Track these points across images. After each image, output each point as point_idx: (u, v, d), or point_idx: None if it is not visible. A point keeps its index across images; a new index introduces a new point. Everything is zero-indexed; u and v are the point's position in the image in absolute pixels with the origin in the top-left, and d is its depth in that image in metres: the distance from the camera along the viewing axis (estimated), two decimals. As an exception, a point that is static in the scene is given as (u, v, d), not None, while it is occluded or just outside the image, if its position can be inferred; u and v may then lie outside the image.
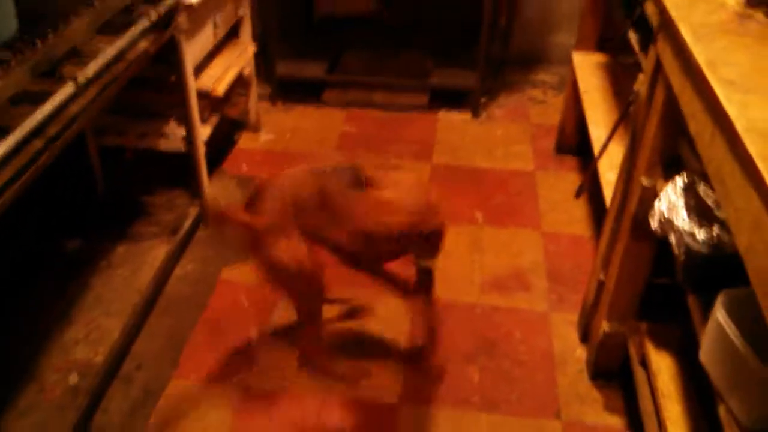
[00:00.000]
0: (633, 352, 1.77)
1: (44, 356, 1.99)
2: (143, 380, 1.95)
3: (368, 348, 2.07)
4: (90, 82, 1.65)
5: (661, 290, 1.81)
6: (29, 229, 2.39)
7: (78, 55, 1.70)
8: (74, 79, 1.58)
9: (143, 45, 1.90)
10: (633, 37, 1.97)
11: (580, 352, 2.06)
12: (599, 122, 2.41)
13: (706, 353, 1.23)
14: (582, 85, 2.65)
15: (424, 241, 1.74)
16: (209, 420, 1.84)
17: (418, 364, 2.04)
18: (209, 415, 1.85)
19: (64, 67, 1.62)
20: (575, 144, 2.96)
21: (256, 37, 2.98)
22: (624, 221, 1.72)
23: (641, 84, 1.66)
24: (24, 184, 1.38)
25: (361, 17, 3.71)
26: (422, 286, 1.84)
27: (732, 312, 1.14)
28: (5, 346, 2.02)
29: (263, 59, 3.24)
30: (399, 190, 1.75)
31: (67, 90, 1.56)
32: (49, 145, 1.46)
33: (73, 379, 1.93)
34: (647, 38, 1.78)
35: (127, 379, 1.95)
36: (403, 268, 1.88)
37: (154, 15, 1.94)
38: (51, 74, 1.59)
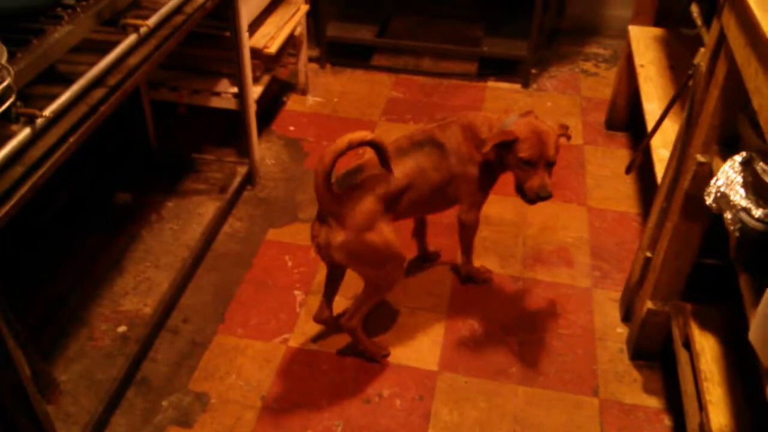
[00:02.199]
0: (676, 332, 1.75)
1: (95, 305, 2.05)
2: (190, 333, 2.00)
3: (411, 315, 2.09)
4: (151, 33, 1.67)
5: (707, 271, 1.79)
6: (83, 180, 2.45)
7: (139, 7, 1.73)
8: (136, 30, 1.61)
9: (201, -1, 1.92)
10: (695, 9, 1.91)
11: (621, 331, 2.05)
12: (654, 97, 2.36)
13: (756, 333, 1.21)
14: (637, 59, 2.58)
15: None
16: (251, 375, 1.89)
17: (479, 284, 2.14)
18: (252, 371, 1.90)
19: (126, 17, 1.64)
20: (626, 119, 2.91)
21: (308, -2, 2.98)
22: (676, 198, 1.70)
23: (702, 58, 1.61)
24: (84, 133, 1.41)
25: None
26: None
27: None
28: (58, 293, 2.08)
29: (314, 21, 3.24)
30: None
31: (129, 40, 1.59)
32: (109, 96, 1.49)
33: (122, 328, 1.99)
34: (710, 11, 1.74)
35: (174, 330, 2.01)
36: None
37: (212, -31, 1.95)
38: (113, 24, 1.61)
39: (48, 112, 1.31)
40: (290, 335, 2.01)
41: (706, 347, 1.60)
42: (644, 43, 2.67)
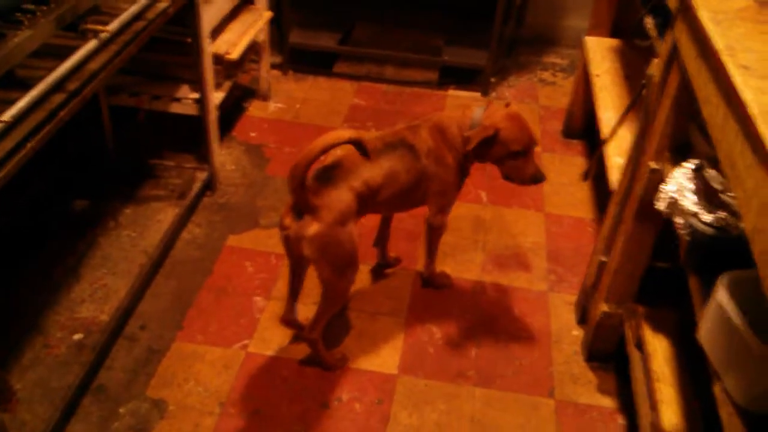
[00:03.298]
0: (629, 334, 1.79)
1: (50, 313, 2.01)
2: (147, 340, 1.98)
3: (371, 320, 2.10)
4: (111, 38, 1.66)
5: (658, 275, 1.84)
6: (40, 187, 2.40)
7: (99, 12, 1.72)
8: (96, 35, 1.60)
9: (162, 4, 1.91)
10: (649, 21, 1.97)
11: (577, 333, 2.09)
12: (609, 106, 2.42)
13: (705, 333, 1.26)
14: (593, 69, 2.65)
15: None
16: (210, 382, 1.88)
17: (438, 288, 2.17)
18: (210, 378, 1.89)
19: (86, 22, 1.63)
20: (583, 128, 2.98)
21: (271, 5, 2.98)
22: (629, 203, 1.75)
23: (655, 68, 1.67)
24: (43, 138, 1.39)
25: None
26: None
27: (733, 293, 1.16)
28: (12, 301, 2.04)
29: (276, 27, 3.24)
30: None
31: (89, 45, 1.58)
32: (68, 101, 1.48)
33: (78, 335, 1.96)
34: (664, 23, 1.79)
35: (132, 338, 1.98)
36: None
37: (173, -25, 1.95)
38: (73, 28, 1.60)
39: (6, 117, 1.29)
40: (250, 341, 2.00)
41: (658, 348, 1.65)
42: (600, 53, 2.74)
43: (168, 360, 1.93)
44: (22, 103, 1.35)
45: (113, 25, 1.67)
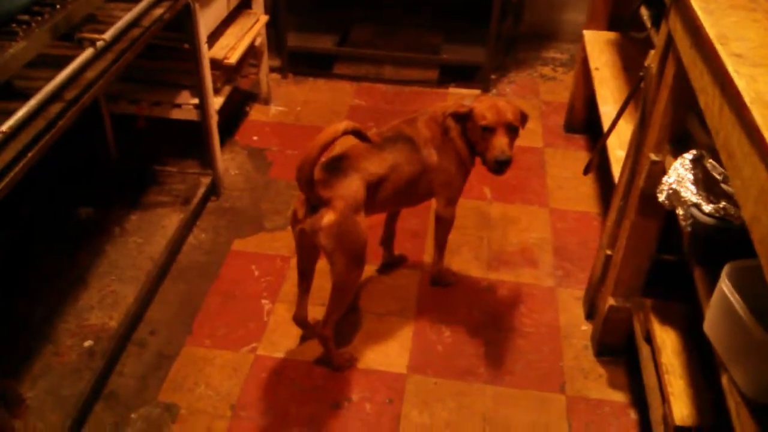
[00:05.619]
0: (638, 328, 1.80)
1: (59, 321, 2.03)
2: (157, 345, 1.99)
3: (379, 320, 2.11)
4: (108, 46, 1.67)
5: (665, 268, 1.84)
6: (43, 196, 2.41)
7: (95, 20, 1.72)
8: (93, 44, 1.60)
9: (158, 11, 1.92)
10: (645, 13, 1.97)
11: (586, 328, 2.09)
12: (609, 99, 2.42)
13: (710, 324, 1.26)
14: (592, 63, 2.65)
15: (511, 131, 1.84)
16: (221, 385, 1.88)
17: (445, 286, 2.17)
18: (221, 381, 1.90)
19: (82, 31, 1.64)
20: (584, 122, 2.97)
21: (268, 9, 2.98)
22: (632, 196, 1.75)
23: (652, 60, 1.67)
24: (41, 148, 1.40)
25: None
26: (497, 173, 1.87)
27: (736, 283, 1.16)
28: (21, 310, 2.05)
29: (274, 31, 3.25)
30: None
31: (85, 54, 1.58)
32: (66, 110, 1.49)
33: (88, 342, 1.97)
34: (659, 14, 1.79)
35: (141, 343, 1.99)
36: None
37: (169, -19, 1.95)
38: (69, 38, 1.61)
39: (5, 127, 1.30)
40: (258, 344, 2.01)
41: (667, 341, 1.65)
42: (598, 46, 2.73)
43: (178, 364, 1.94)
44: (20, 114, 1.36)
45: (109, 34, 1.67)
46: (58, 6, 1.57)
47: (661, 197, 1.45)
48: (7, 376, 1.81)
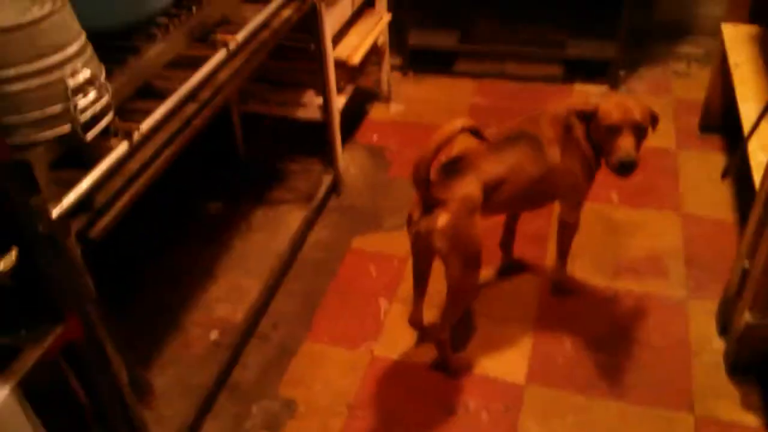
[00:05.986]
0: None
1: (188, 312, 2.12)
2: (279, 339, 2.05)
3: (498, 326, 2.07)
4: (240, 48, 1.71)
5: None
6: (175, 191, 2.54)
7: (228, 22, 1.78)
8: (226, 45, 1.65)
9: (287, 13, 1.96)
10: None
11: (718, 344, 1.95)
12: (750, 98, 2.26)
13: None
14: (732, 59, 2.47)
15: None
16: (338, 383, 1.91)
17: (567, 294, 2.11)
18: (338, 379, 1.92)
19: (215, 33, 1.69)
20: (721, 121, 2.78)
21: (390, 6, 2.99)
22: (778, 207, 1.61)
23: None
24: (178, 146, 1.47)
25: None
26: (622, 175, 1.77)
27: None
28: (153, 302, 2.17)
29: (396, 29, 3.25)
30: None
31: (219, 56, 1.63)
32: (201, 109, 1.55)
33: (215, 335, 2.05)
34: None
35: (264, 337, 2.05)
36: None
37: (298, -18, 1.99)
38: (203, 40, 1.67)
39: (144, 127, 1.36)
40: (375, 343, 2.02)
41: (813, 365, 1.51)
42: (739, 41, 2.55)
43: (298, 360, 1.98)
44: (158, 114, 1.42)
45: (241, 35, 1.72)
46: (194, 8, 1.64)
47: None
48: (138, 365, 1.91)
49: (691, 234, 2.34)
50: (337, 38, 2.56)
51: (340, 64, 2.49)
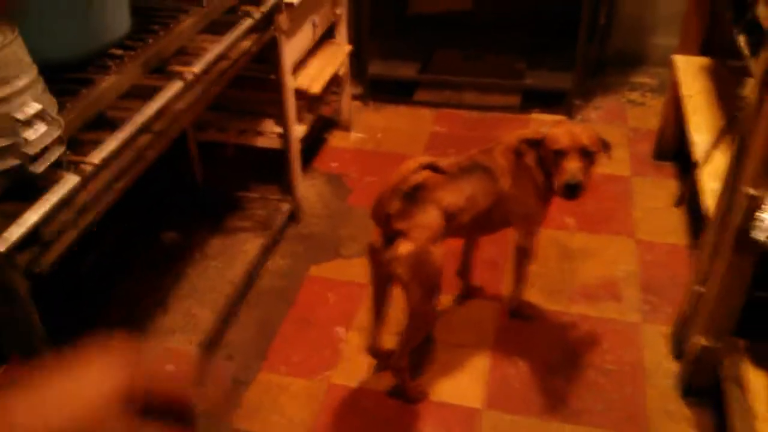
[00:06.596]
0: (729, 370, 1.69)
1: (142, 343, 2.08)
2: (234, 370, 2.02)
3: (455, 351, 2.07)
4: (196, 78, 1.71)
5: (761, 307, 1.73)
6: (129, 219, 2.51)
7: (185, 53, 1.78)
8: (182, 76, 1.65)
9: (246, 44, 1.96)
10: (742, 39, 1.88)
11: (672, 367, 1.98)
12: (702, 128, 2.32)
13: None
14: (684, 89, 2.54)
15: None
16: (295, 413, 1.89)
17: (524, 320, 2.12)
18: (295, 409, 1.90)
19: (172, 64, 1.69)
20: (675, 150, 2.85)
21: (351, 38, 3.02)
22: (727, 232, 1.65)
23: (750, 89, 1.58)
24: (131, 178, 1.45)
25: (453, 13, 3.69)
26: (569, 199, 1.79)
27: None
28: (105, 333, 2.13)
29: (356, 59, 3.28)
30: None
31: (174, 87, 1.62)
32: (156, 140, 1.54)
33: (169, 367, 2.01)
34: (757, 41, 1.70)
35: (219, 367, 2.03)
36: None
37: (257, 14, 1.99)
38: (160, 71, 1.66)
39: (96, 159, 1.35)
40: (333, 372, 2.00)
41: (760, 386, 1.54)
42: (691, 73, 2.63)
43: (253, 391, 1.96)
44: (110, 146, 1.40)
45: (198, 67, 1.72)
46: (150, 40, 1.63)
47: (759, 236, 1.37)
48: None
49: (645, 259, 2.38)
50: (298, 68, 2.58)
51: (301, 94, 2.51)
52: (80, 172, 1.31)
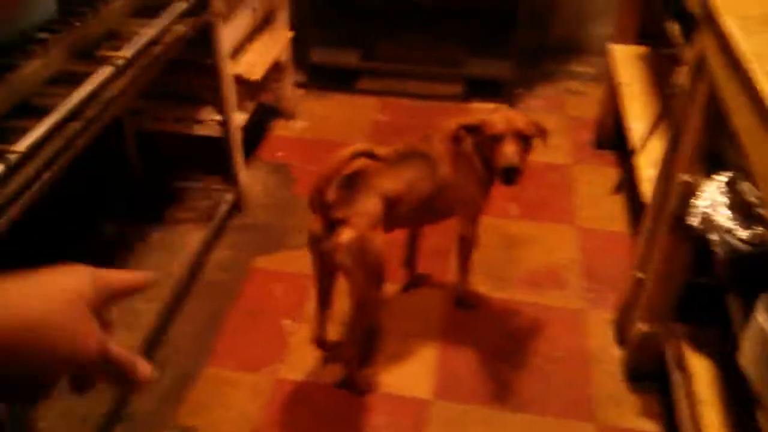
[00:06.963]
0: (670, 354, 1.73)
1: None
2: (178, 365, 1.97)
3: (402, 342, 2.06)
4: (128, 64, 1.64)
5: (699, 291, 1.78)
6: (66, 212, 2.41)
7: (115, 37, 1.71)
8: (112, 61, 1.59)
9: (180, 28, 1.90)
10: (674, 27, 1.91)
11: (617, 353, 2.02)
12: (639, 116, 2.36)
13: (746, 356, 1.20)
14: (620, 78, 2.59)
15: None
16: (242, 408, 1.85)
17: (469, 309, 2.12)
18: (242, 404, 1.87)
19: (101, 48, 1.62)
20: (614, 138, 2.90)
21: (292, 24, 2.97)
22: (663, 219, 1.69)
23: (683, 77, 1.61)
24: (61, 167, 1.39)
25: (395, 3, 3.67)
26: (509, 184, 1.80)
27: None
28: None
29: (298, 46, 3.23)
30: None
31: (105, 72, 1.56)
32: (86, 128, 1.47)
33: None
34: (689, 29, 1.74)
35: (162, 363, 1.97)
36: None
37: (191, -3, 1.93)
38: (89, 56, 1.59)
39: (22, 147, 1.29)
40: (280, 365, 1.97)
41: (700, 369, 1.58)
42: (627, 61, 2.68)
43: (199, 386, 1.91)
44: (37, 133, 1.34)
45: (129, 52, 1.65)
46: (77, 23, 1.57)
47: (693, 221, 1.40)
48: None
49: (587, 246, 2.42)
50: (238, 53, 2.52)
51: (241, 80, 2.45)
52: (5, 161, 1.25)
